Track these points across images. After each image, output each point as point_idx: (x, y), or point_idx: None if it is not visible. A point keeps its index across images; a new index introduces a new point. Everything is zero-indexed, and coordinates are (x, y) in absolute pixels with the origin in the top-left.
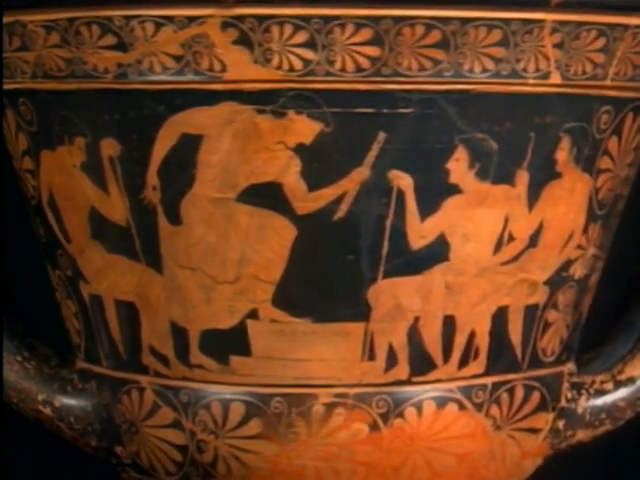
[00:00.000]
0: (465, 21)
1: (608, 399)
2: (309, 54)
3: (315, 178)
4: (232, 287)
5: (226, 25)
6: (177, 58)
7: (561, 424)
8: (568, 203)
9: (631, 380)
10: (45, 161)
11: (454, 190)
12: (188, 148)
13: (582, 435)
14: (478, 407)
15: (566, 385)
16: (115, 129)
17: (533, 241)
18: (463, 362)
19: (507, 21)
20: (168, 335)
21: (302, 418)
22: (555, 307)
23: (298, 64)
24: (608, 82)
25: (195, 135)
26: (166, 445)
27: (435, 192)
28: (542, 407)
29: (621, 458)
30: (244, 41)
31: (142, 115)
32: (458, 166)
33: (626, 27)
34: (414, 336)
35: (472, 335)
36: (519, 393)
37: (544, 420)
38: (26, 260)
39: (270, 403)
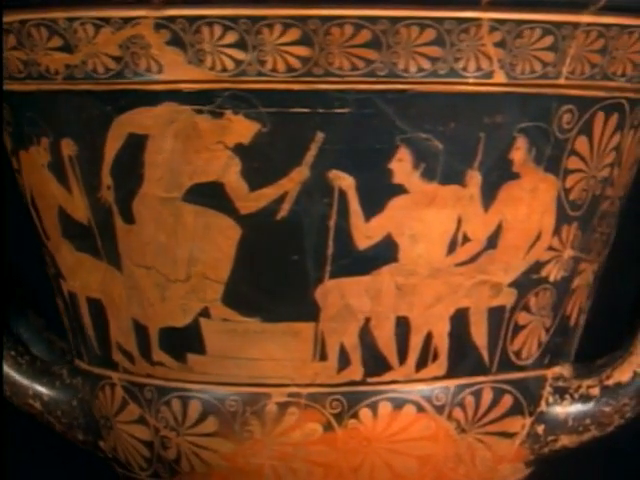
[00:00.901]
0: (395, 20)
1: (593, 404)
2: (240, 54)
3: (255, 178)
4: (184, 286)
5: (159, 26)
6: (117, 59)
7: (540, 429)
8: (530, 204)
9: (618, 385)
10: (23, 161)
11: (399, 190)
12: (135, 148)
13: (566, 441)
14: (439, 409)
15: (548, 389)
16: (71, 129)
17: (492, 242)
18: (421, 364)
19: (440, 20)
20: (131, 332)
21: (256, 417)
22: (527, 310)
23: (230, 64)
24: (562, 81)
25: (141, 135)
26: (135, 441)
27: (379, 192)
28: (516, 411)
29: (620, 458)
30: (177, 42)
31: (92, 116)
32: (402, 166)
33: (576, 25)
34: (366, 337)
35: (429, 337)
36: (487, 396)
37: (519, 424)
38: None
39: (225, 401)
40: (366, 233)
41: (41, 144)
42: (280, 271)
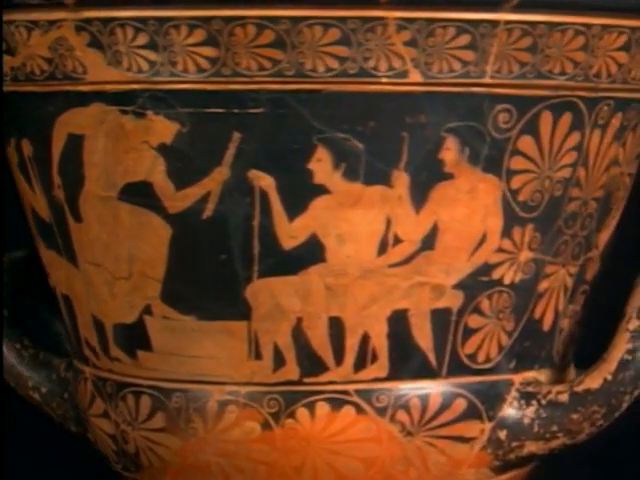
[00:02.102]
0: (296, 20)
1: (561, 411)
2: (153, 55)
3: (180, 177)
4: (127, 283)
5: (79, 28)
6: (48, 61)
7: (503, 434)
8: (469, 205)
9: (588, 392)
10: (9, 161)
11: (321, 190)
12: (75, 148)
13: (533, 447)
14: (380, 411)
15: (514, 394)
16: (27, 130)
17: (428, 243)
18: (359, 365)
19: (342, 19)
20: (92, 328)
21: (198, 414)
22: (479, 312)
23: (145, 65)
24: (488, 80)
25: (78, 135)
26: (103, 434)
27: (300, 192)
28: (471, 415)
29: (619, 458)
30: (96, 44)
31: (39, 116)
32: (321, 166)
33: (495, 23)
34: (299, 337)
35: (366, 338)
36: (435, 399)
37: (477, 429)
38: None
39: (171, 398)
40: (290, 233)
41: (11, 144)
42: (210, 270)
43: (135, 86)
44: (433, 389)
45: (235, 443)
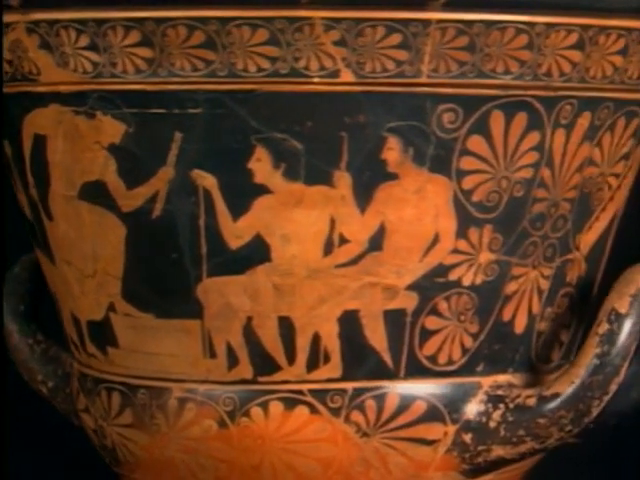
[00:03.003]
0: (225, 21)
1: (527, 415)
2: (95, 57)
3: (130, 177)
4: (93, 281)
5: (29, 30)
6: (9, 62)
7: (468, 438)
8: (418, 205)
9: (555, 396)
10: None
11: (263, 190)
12: (41, 148)
13: (501, 452)
14: (334, 412)
15: (481, 397)
16: (6, 130)
17: (375, 244)
18: (312, 365)
19: (269, 20)
20: (72, 325)
21: (161, 411)
22: (437, 314)
23: (89, 66)
24: (424, 79)
25: (42, 135)
26: (88, 429)
27: (242, 192)
28: (432, 417)
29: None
30: (46, 45)
31: (11, 117)
32: (261, 166)
33: (426, 22)
34: (251, 336)
35: (317, 338)
36: (392, 401)
37: (440, 431)
38: None
39: (137, 394)
40: (235, 233)
41: (3, 146)
42: (163, 269)
43: (83, 87)
44: (390, 390)
45: (195, 440)
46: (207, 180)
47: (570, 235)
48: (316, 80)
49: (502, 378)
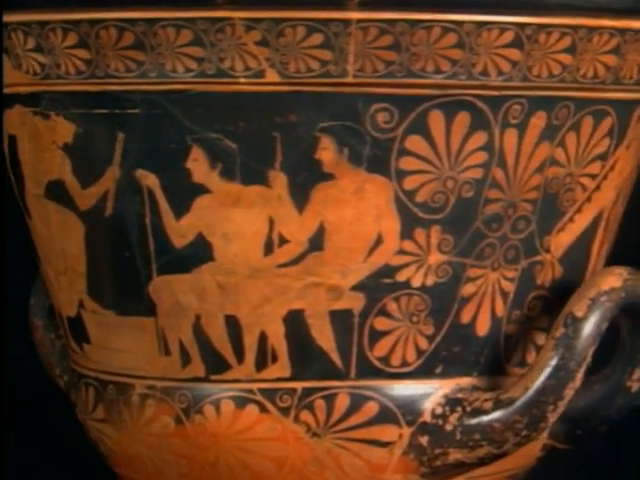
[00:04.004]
0: (151, 22)
1: (483, 419)
2: (41, 58)
3: (83, 176)
4: (65, 278)
5: None
6: None
7: (424, 440)
8: (358, 206)
9: (510, 400)
10: None
11: (201, 190)
12: (13, 147)
13: (458, 455)
14: (284, 411)
15: (439, 400)
16: None
17: (316, 244)
18: (260, 364)
19: (191, 20)
20: (59, 320)
21: (126, 406)
22: (386, 315)
23: (38, 68)
24: (350, 79)
25: (13, 135)
26: (81, 423)
27: (183, 192)
28: (386, 419)
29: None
30: (5, 48)
31: None
32: (198, 166)
33: (346, 22)
34: (200, 334)
35: (264, 337)
36: (342, 401)
37: (395, 433)
38: None
39: (107, 390)
40: (179, 232)
41: None
42: (118, 267)
43: (36, 88)
44: (340, 391)
45: (156, 436)
46: (150, 180)
47: (535, 236)
48: (242, 80)
49: (465, 381)
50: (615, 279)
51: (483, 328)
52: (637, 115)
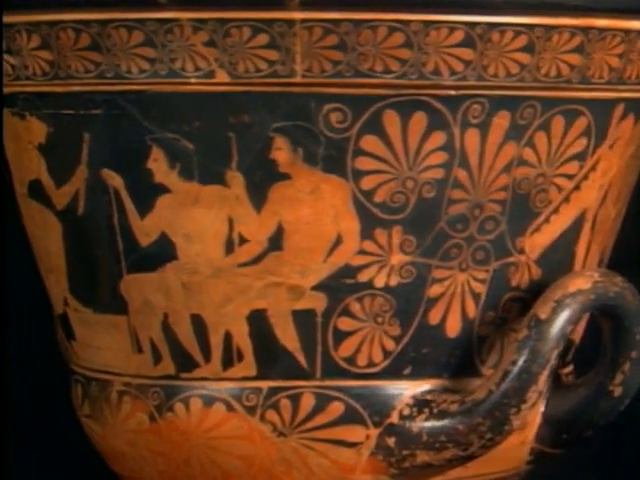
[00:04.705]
0: (103, 23)
1: (448, 421)
2: (11, 60)
3: (57, 176)
4: (52, 276)
5: None
6: None
7: (392, 442)
8: (315, 206)
9: (474, 403)
10: None
11: (163, 190)
12: (1, 147)
13: (426, 457)
14: (250, 410)
15: (407, 401)
16: None
17: (275, 244)
18: (227, 363)
19: (141, 21)
20: (55, 318)
21: (106, 403)
22: (350, 315)
23: (9, 69)
24: (299, 79)
25: None
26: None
27: (145, 191)
28: (352, 420)
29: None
30: None
31: None
32: (158, 166)
33: (290, 22)
34: (169, 333)
35: (228, 336)
36: (307, 401)
37: (362, 434)
38: None
39: (91, 386)
40: (144, 231)
41: None
42: (92, 265)
43: (10, 89)
44: (305, 391)
45: (133, 433)
46: (115, 180)
47: (506, 237)
48: (193, 81)
49: (435, 382)
50: (584, 281)
51: (453, 329)
52: (618, 115)
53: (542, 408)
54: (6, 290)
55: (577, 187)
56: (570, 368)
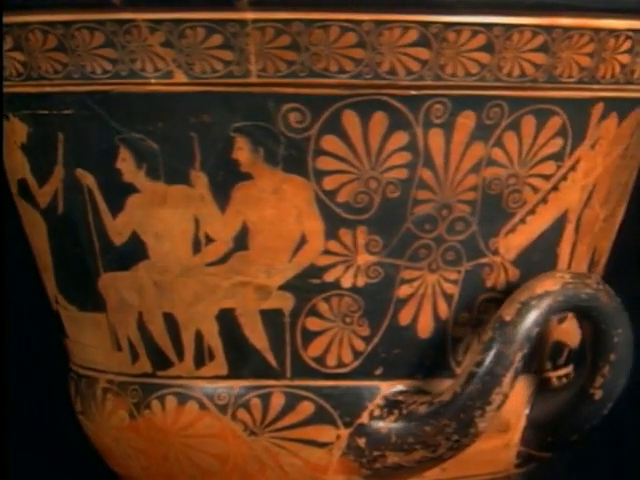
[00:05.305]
0: (67, 25)
1: (416, 423)
2: None
3: (38, 175)
4: (45, 275)
5: None
6: None
7: (362, 442)
8: (278, 206)
9: (441, 404)
10: None
11: (132, 189)
12: None
13: (396, 458)
14: (222, 409)
15: (378, 402)
16: None
17: (241, 243)
18: (199, 362)
19: (101, 22)
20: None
21: (93, 400)
22: (317, 315)
23: None
24: (254, 79)
25: None
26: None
27: (116, 191)
28: (322, 420)
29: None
30: None
31: None
32: (126, 166)
33: (242, 22)
34: (144, 331)
35: (199, 335)
36: (277, 401)
37: (332, 434)
38: None
39: (81, 383)
40: (116, 230)
41: None
42: (73, 263)
43: None
44: (275, 390)
45: (117, 429)
46: (88, 179)
47: (478, 238)
48: (153, 81)
49: (408, 383)
50: (552, 282)
51: (425, 330)
52: (597, 114)
53: (526, 411)
54: (6, 290)
55: (555, 187)
56: (564, 371)
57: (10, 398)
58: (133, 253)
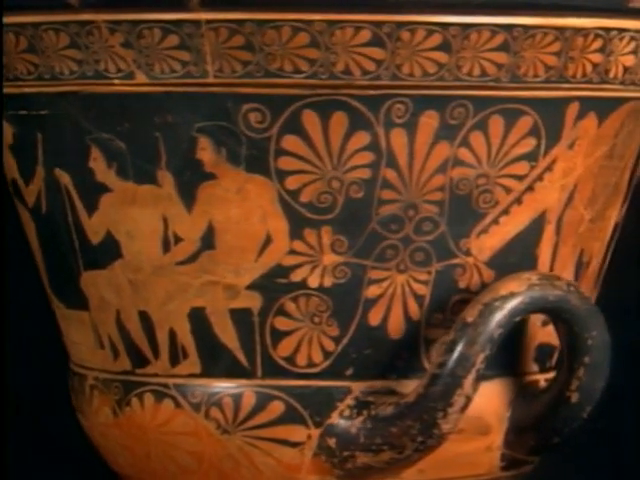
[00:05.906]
0: (35, 26)
1: (383, 423)
2: None
3: (24, 175)
4: (41, 272)
5: None
6: None
7: (332, 442)
8: (242, 205)
9: (405, 406)
10: None
11: (105, 189)
12: None
13: (365, 459)
14: (195, 407)
15: (348, 402)
16: None
17: (208, 243)
18: (174, 360)
19: (65, 24)
20: None
21: (82, 397)
22: (285, 315)
23: None
24: (211, 80)
25: None
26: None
27: (90, 190)
28: (292, 419)
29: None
30: None
31: None
32: (98, 165)
33: (196, 23)
34: (122, 329)
35: (173, 333)
36: (248, 400)
37: (303, 434)
38: None
39: (75, 380)
40: (92, 229)
41: None
42: (59, 262)
43: None
44: (246, 389)
45: (104, 426)
46: (65, 179)
47: (448, 238)
48: (116, 82)
49: (379, 384)
50: (517, 284)
51: (396, 331)
52: (572, 114)
53: (508, 413)
54: (6, 290)
55: (530, 188)
56: (554, 374)
57: (10, 398)
58: (109, 252)
